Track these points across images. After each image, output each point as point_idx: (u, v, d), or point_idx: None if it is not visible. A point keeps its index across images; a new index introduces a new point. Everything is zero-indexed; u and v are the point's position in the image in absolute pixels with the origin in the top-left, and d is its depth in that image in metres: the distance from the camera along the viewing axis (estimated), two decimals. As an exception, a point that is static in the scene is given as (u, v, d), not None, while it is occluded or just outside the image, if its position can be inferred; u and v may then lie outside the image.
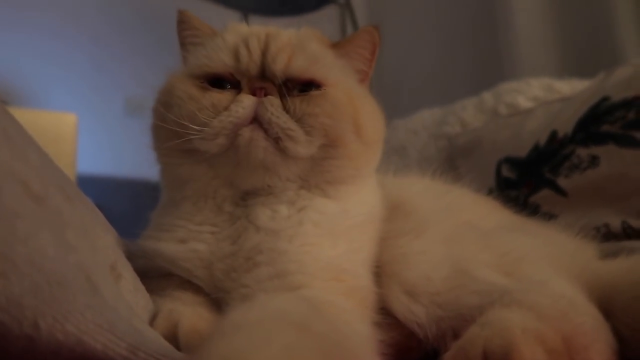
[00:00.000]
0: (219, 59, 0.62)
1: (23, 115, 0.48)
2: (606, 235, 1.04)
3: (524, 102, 1.52)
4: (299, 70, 0.62)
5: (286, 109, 0.59)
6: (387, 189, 0.69)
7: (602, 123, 1.12)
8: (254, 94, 0.59)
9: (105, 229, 0.53)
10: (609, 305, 0.56)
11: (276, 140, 0.57)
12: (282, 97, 0.60)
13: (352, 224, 0.61)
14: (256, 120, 0.57)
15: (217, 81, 0.62)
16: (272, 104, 0.58)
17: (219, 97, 0.60)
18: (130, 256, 0.58)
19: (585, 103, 1.19)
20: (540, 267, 0.59)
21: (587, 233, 0.75)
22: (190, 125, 0.57)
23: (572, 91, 1.41)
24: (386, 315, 0.56)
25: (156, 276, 0.61)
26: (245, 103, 0.58)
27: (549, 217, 1.10)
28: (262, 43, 0.63)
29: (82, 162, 1.99)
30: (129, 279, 0.50)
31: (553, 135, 1.24)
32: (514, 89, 1.59)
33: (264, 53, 0.62)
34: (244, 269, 0.56)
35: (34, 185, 0.38)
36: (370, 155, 0.65)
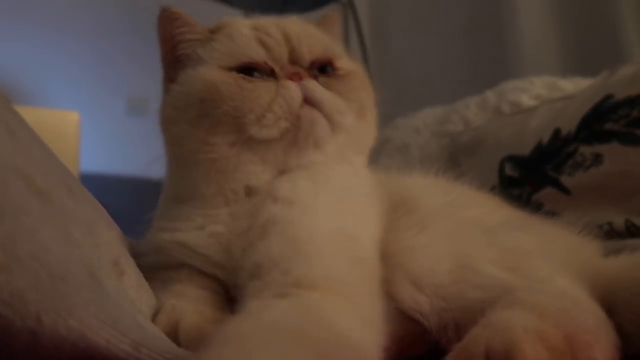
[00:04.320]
0: (253, 49, 0.64)
1: (26, 114, 0.48)
2: (609, 233, 1.04)
3: (527, 101, 1.51)
4: (320, 52, 0.67)
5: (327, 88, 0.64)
6: (390, 186, 0.70)
7: (605, 121, 1.12)
8: (290, 79, 0.63)
9: (109, 225, 0.53)
10: (611, 302, 0.56)
11: (327, 117, 0.63)
12: (312, 78, 0.65)
13: (361, 195, 0.65)
14: (307, 101, 0.62)
15: (248, 71, 0.64)
16: (315, 85, 0.63)
17: (267, 85, 0.62)
18: (136, 254, 0.58)
19: (589, 101, 1.19)
20: (543, 263, 0.59)
21: (590, 231, 0.75)
22: (250, 116, 0.60)
23: (576, 89, 1.40)
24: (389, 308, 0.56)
25: (163, 268, 0.62)
26: (292, 88, 0.62)
27: (552, 215, 1.09)
28: (281, 31, 0.67)
29: (85, 160, 1.99)
30: (132, 276, 0.50)
31: (556, 133, 1.23)
32: (517, 87, 1.58)
33: (287, 40, 0.66)
34: (258, 236, 0.56)
35: (38, 180, 0.38)
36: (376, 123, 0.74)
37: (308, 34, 0.69)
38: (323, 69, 0.67)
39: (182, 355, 0.41)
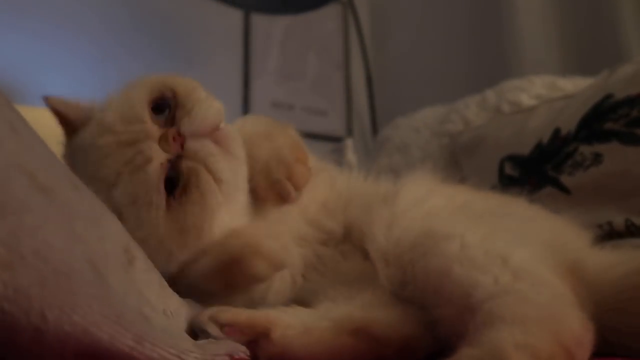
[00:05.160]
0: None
1: (26, 113, 0.48)
2: (609, 233, 1.04)
3: (527, 100, 1.52)
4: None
5: None
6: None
7: (605, 121, 1.12)
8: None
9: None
10: (601, 299, 0.54)
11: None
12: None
13: None
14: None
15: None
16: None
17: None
18: None
19: (589, 101, 1.19)
20: (508, 237, 0.57)
21: (590, 230, 0.75)
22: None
23: (576, 89, 1.40)
24: None
25: None
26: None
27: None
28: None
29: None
30: (142, 259, 0.50)
31: (556, 133, 1.24)
32: (517, 86, 1.59)
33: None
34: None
35: (41, 176, 0.38)
36: None
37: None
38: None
39: (188, 349, 0.41)
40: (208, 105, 0.64)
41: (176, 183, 0.59)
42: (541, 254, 0.55)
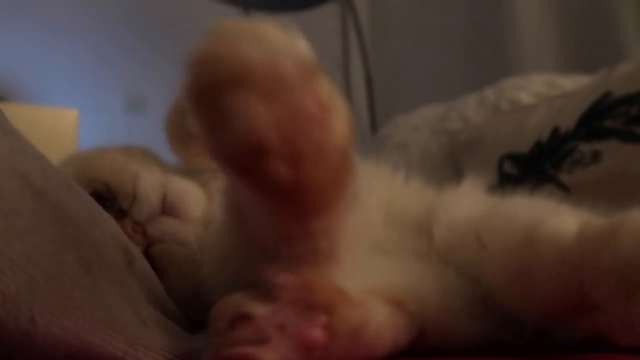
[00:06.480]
0: None
1: (24, 111, 0.48)
2: (608, 231, 1.04)
3: (526, 98, 1.51)
4: None
5: None
6: None
7: (604, 118, 1.12)
8: None
9: None
10: None
11: None
12: None
13: None
14: None
15: None
16: None
17: None
18: None
19: (588, 99, 1.19)
20: None
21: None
22: None
23: (575, 87, 1.40)
24: None
25: None
26: None
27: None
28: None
29: (84, 159, 1.99)
30: (141, 259, 0.50)
31: (555, 131, 1.23)
32: (516, 84, 1.58)
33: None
34: None
35: (35, 179, 0.38)
36: None
37: None
38: None
39: (183, 349, 0.41)
40: (146, 177, 0.62)
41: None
42: None
